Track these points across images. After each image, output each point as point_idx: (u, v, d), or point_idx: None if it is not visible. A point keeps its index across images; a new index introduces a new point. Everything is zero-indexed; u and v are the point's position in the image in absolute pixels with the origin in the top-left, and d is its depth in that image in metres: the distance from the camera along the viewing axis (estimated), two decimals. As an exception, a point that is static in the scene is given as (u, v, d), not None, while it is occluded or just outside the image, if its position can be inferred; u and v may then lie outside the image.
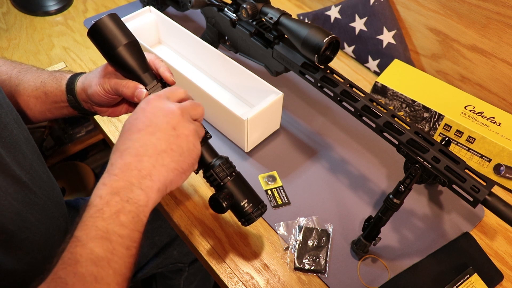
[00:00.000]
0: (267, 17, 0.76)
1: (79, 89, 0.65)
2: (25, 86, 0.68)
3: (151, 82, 0.59)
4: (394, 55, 1.00)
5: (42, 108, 0.69)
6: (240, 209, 0.59)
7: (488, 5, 0.84)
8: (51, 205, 0.66)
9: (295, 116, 0.93)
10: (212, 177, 0.59)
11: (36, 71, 0.70)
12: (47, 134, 1.45)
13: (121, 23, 0.58)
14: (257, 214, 0.60)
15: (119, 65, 0.58)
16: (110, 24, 0.56)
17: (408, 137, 0.63)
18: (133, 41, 0.58)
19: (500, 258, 0.74)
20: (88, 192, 1.55)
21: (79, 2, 1.20)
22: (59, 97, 0.67)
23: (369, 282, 0.69)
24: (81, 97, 0.66)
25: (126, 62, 0.57)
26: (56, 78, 0.68)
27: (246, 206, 0.59)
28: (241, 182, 0.61)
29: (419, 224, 0.77)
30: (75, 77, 0.66)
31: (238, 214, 0.60)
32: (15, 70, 0.70)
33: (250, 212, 0.59)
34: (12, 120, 0.61)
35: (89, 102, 0.65)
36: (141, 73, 0.58)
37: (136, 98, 0.58)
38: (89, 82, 0.63)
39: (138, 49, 0.59)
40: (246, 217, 0.60)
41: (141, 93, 0.58)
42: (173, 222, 0.76)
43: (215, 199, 0.57)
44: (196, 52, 0.99)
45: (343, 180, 0.82)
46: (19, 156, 0.60)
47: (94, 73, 0.63)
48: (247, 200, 0.60)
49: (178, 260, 1.02)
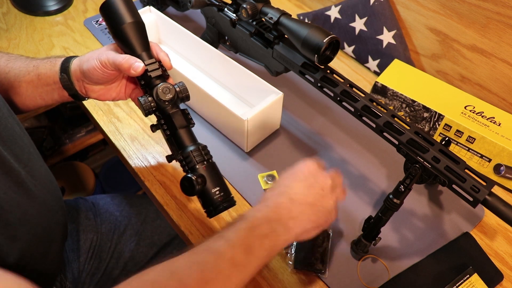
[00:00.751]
0: (267, 17, 0.76)
1: (74, 66, 0.66)
2: (16, 73, 0.69)
3: (149, 59, 0.62)
4: (394, 55, 1.00)
5: (33, 93, 0.69)
6: (210, 196, 0.58)
7: (488, 5, 0.84)
8: (50, 198, 0.66)
9: (295, 116, 0.93)
10: (189, 159, 0.59)
11: (26, 59, 0.71)
12: (47, 134, 1.45)
13: (131, 4, 0.63)
14: (225, 205, 0.59)
15: (122, 40, 0.62)
16: (121, 2, 0.62)
17: (408, 137, 0.63)
18: (139, 21, 0.62)
19: (500, 258, 0.74)
20: (88, 192, 1.55)
21: (79, 2, 1.20)
22: (52, 79, 0.67)
23: (369, 282, 0.69)
24: (75, 75, 0.66)
25: (129, 38, 0.61)
26: (50, 61, 0.69)
27: (216, 194, 0.58)
28: (215, 171, 0.60)
29: (419, 224, 0.77)
30: (71, 58, 0.68)
31: (206, 201, 0.59)
32: (2, 59, 0.71)
33: (220, 201, 0.58)
34: (6, 113, 0.61)
35: (82, 80, 0.66)
36: (142, 50, 0.62)
37: (133, 70, 0.60)
38: (86, 58, 0.64)
39: (143, 30, 0.63)
40: (214, 205, 0.58)
41: (138, 66, 0.60)
42: (173, 222, 0.76)
43: (188, 179, 0.57)
44: (196, 52, 0.99)
45: (343, 180, 0.82)
46: (16, 149, 0.60)
47: (93, 51, 0.66)
48: (218, 188, 0.59)
49: (179, 260, 1.02)
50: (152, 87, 0.61)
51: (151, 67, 0.61)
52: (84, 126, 1.54)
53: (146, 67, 0.61)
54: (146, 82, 0.62)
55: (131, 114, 0.92)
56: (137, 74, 0.60)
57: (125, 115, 0.92)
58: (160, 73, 0.62)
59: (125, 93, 0.70)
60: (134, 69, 0.60)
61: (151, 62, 0.62)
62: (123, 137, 0.88)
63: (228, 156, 0.85)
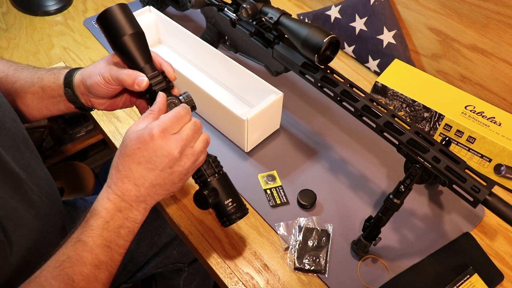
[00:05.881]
0: (267, 17, 0.76)
1: (77, 81, 0.65)
2: (22, 83, 0.68)
3: (153, 72, 0.60)
4: (394, 55, 1.00)
5: (39, 105, 0.69)
6: (223, 208, 0.60)
7: (489, 5, 0.84)
8: (48, 202, 0.66)
9: (295, 116, 0.93)
10: (200, 173, 0.59)
11: (33, 69, 0.71)
12: (46, 134, 1.45)
13: (130, 14, 0.60)
14: (239, 215, 0.61)
15: (123, 53, 0.59)
16: (119, 13, 0.58)
17: (409, 137, 0.63)
18: (139, 32, 0.59)
19: (500, 258, 0.74)
20: (87, 192, 1.55)
21: (78, 2, 1.20)
22: (56, 92, 0.67)
23: (369, 282, 0.69)
24: (79, 89, 0.65)
25: (130, 51, 0.59)
26: (54, 73, 0.68)
27: (229, 206, 0.60)
28: (227, 182, 0.61)
29: (420, 224, 0.76)
30: (73, 71, 0.67)
31: (220, 213, 0.60)
32: (11, 68, 0.70)
33: (233, 212, 0.60)
34: (9, 118, 0.61)
35: (87, 95, 0.65)
36: (144, 63, 0.59)
37: (137, 86, 0.58)
38: (88, 73, 0.63)
39: (143, 41, 0.60)
40: (228, 216, 0.60)
41: (142, 81, 0.58)
42: (173, 222, 0.76)
43: (201, 194, 0.58)
44: (196, 52, 0.99)
45: (343, 180, 0.82)
46: (17, 154, 0.60)
47: (94, 65, 0.64)
48: (231, 199, 0.60)
49: (178, 260, 1.02)
50: None
51: (155, 81, 0.59)
52: (84, 126, 1.54)
53: (150, 81, 0.59)
54: (150, 96, 0.60)
55: (131, 114, 0.92)
56: (141, 89, 0.59)
57: (125, 115, 0.92)
58: (164, 86, 0.60)
59: (131, 101, 0.69)
60: (138, 85, 0.58)
61: (155, 75, 0.59)
62: (123, 137, 0.87)
63: (228, 156, 0.85)
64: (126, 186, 0.55)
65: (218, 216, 0.61)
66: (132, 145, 0.54)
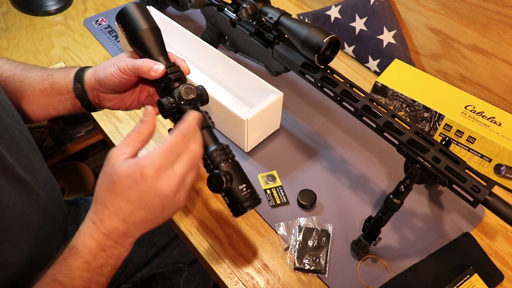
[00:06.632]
0: (267, 17, 0.76)
1: (89, 75, 0.66)
2: (30, 81, 0.69)
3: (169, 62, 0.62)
4: (395, 55, 1.00)
5: (46, 102, 0.69)
6: (237, 193, 0.57)
7: (489, 5, 0.84)
8: (52, 205, 0.66)
9: (295, 116, 0.93)
10: (213, 157, 0.57)
11: (42, 68, 0.71)
12: (47, 134, 1.45)
13: (146, 11, 0.64)
14: (254, 202, 0.58)
15: (140, 46, 0.62)
16: (137, 9, 0.63)
17: (408, 137, 0.63)
18: (156, 27, 0.63)
19: (500, 258, 0.74)
20: (87, 192, 1.55)
21: (78, 2, 1.20)
22: (65, 88, 0.67)
23: (369, 282, 0.69)
24: (89, 84, 0.66)
25: (147, 43, 0.61)
26: (64, 71, 0.69)
27: (244, 191, 0.57)
28: (240, 169, 0.59)
29: (419, 224, 0.76)
30: (86, 68, 0.68)
31: (233, 199, 0.57)
32: (19, 68, 0.71)
33: (247, 198, 0.57)
34: (13, 121, 0.61)
35: (97, 89, 0.65)
36: (159, 55, 0.62)
37: (154, 72, 0.59)
38: (102, 67, 0.64)
39: (159, 35, 0.63)
40: (243, 203, 0.56)
41: (158, 68, 0.59)
42: (173, 222, 0.76)
43: (216, 175, 0.55)
44: (196, 52, 0.99)
45: (343, 180, 0.82)
46: (21, 157, 0.60)
47: (108, 60, 0.65)
48: (245, 185, 0.57)
49: (178, 260, 1.02)
50: (171, 89, 0.60)
51: (171, 70, 0.61)
52: (84, 126, 1.54)
53: (167, 69, 0.60)
54: (166, 85, 0.61)
55: (131, 114, 0.92)
56: (157, 76, 0.59)
57: (125, 115, 0.92)
58: (180, 75, 0.61)
59: (139, 102, 0.69)
60: (154, 71, 0.59)
61: (171, 64, 0.61)
62: (123, 137, 0.87)
63: (228, 156, 0.85)
64: (114, 224, 0.50)
65: (231, 203, 0.58)
66: (121, 183, 0.49)
